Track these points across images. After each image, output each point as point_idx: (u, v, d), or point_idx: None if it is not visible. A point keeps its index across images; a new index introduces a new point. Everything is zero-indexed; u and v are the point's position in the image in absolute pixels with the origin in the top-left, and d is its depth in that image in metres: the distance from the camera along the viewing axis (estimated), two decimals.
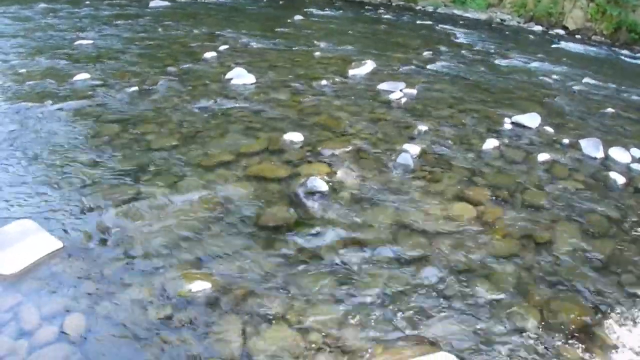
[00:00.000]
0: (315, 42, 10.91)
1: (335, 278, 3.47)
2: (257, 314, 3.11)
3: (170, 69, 8.00)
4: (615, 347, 3.17)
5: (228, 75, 7.58)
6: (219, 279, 3.37)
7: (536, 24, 18.23)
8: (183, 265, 3.48)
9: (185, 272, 3.41)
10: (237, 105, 6.49)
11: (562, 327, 3.27)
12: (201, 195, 4.33)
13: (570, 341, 3.16)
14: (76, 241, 3.65)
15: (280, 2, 17.32)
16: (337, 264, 3.62)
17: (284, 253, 3.69)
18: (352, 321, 3.11)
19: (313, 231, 3.96)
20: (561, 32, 17.36)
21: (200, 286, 3.27)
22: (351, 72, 8.48)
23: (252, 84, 7.35)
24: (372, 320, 3.13)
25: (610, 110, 8.24)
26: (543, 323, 3.28)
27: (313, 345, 2.92)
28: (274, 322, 3.06)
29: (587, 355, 3.06)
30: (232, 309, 3.14)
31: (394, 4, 20.08)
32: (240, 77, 7.48)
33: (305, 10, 15.41)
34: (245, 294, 3.27)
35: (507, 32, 16.26)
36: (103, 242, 3.68)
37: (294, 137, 5.48)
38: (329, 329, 3.04)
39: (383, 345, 2.96)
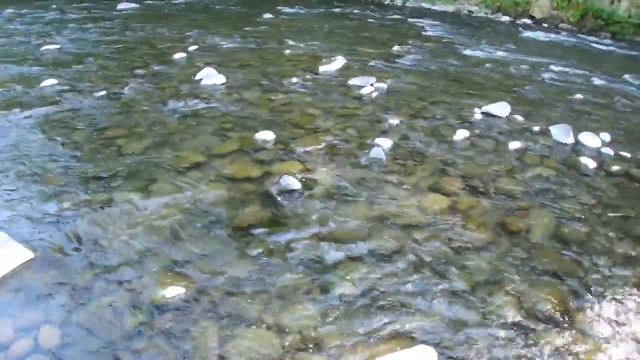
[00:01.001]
0: (285, 39, 10.88)
1: (312, 276, 3.46)
2: (233, 316, 3.08)
3: (139, 71, 7.92)
4: (594, 330, 3.21)
5: (198, 76, 7.53)
6: (193, 283, 3.33)
7: (503, 14, 18.40)
8: (157, 271, 3.43)
9: (159, 277, 3.36)
10: (207, 105, 6.44)
11: (540, 313, 3.29)
12: (174, 199, 4.28)
13: (549, 327, 3.18)
14: (48, 251, 3.58)
15: (250, 1, 17.23)
16: (313, 262, 3.60)
17: (259, 253, 3.66)
18: (329, 318, 3.10)
19: (288, 230, 3.95)
20: (528, 21, 17.54)
21: (174, 291, 3.23)
22: (322, 68, 8.47)
23: (222, 84, 7.31)
24: (350, 317, 3.12)
25: (579, 96, 8.35)
26: (521, 311, 3.30)
27: (291, 346, 2.90)
28: (250, 324, 3.03)
29: (566, 340, 3.09)
30: (208, 313, 3.10)
31: (363, 0, 20.10)
32: (210, 77, 7.44)
33: (274, 8, 15.35)
34: (220, 296, 3.24)
35: (475, 23, 16.38)
36: (75, 250, 3.62)
37: (266, 135, 5.45)
38: (306, 328, 3.02)
39: (362, 341, 2.95)
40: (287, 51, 9.77)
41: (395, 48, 10.81)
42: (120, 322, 3.02)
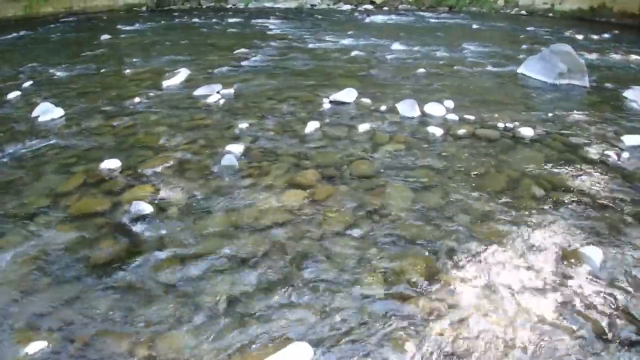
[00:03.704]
0: (125, 59, 10.50)
1: (178, 299, 3.30)
2: (103, 357, 2.87)
3: None
4: (462, 285, 3.33)
5: (34, 113, 7.00)
6: (55, 334, 3.05)
7: (345, 4, 18.98)
8: (16, 330, 3.11)
9: (20, 336, 3.06)
10: (47, 143, 5.98)
11: (409, 283, 3.36)
12: (23, 249, 3.90)
13: (418, 294, 3.25)
14: None
15: (86, 25, 16.47)
16: (176, 284, 3.43)
17: (121, 287, 3.43)
18: (202, 338, 2.97)
19: (146, 257, 3.73)
20: (369, 7, 18.25)
21: (36, 347, 2.95)
22: (165, 83, 8.24)
23: (60, 117, 6.84)
24: (223, 331, 3.01)
25: (422, 70, 8.74)
26: (390, 285, 3.35)
27: None
28: None
29: (437, 303, 3.17)
30: (77, 359, 2.88)
31: (204, 7, 19.92)
32: (48, 112, 6.94)
33: (113, 28, 14.79)
34: (87, 340, 3.00)
35: (318, 16, 16.72)
36: None
37: (111, 164, 5.15)
38: (180, 352, 2.88)
39: (237, 353, 2.85)
40: (128, 71, 9.41)
41: (240, 51, 10.79)
42: None
